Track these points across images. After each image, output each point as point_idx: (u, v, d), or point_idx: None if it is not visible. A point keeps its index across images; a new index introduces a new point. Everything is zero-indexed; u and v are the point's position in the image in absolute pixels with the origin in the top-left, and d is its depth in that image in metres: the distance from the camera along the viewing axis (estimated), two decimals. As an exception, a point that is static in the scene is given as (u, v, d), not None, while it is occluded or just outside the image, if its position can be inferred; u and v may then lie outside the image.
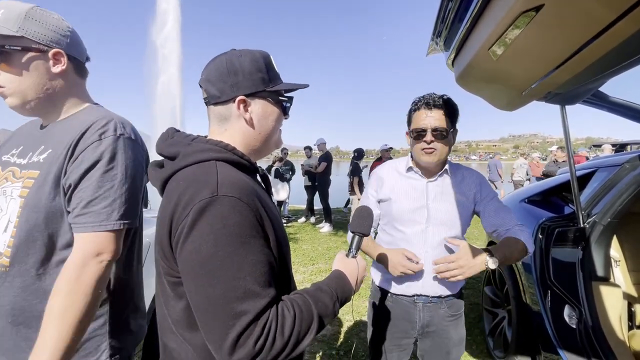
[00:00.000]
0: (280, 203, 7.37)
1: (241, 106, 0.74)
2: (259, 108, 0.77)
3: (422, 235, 1.30)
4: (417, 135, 1.26)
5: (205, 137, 0.78)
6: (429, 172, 1.34)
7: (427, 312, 1.33)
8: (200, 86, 0.79)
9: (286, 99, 0.81)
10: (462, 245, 1.18)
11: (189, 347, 0.69)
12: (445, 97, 1.28)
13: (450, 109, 1.26)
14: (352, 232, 0.94)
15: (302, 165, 7.58)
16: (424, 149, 1.26)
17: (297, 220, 7.71)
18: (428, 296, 1.32)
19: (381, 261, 1.31)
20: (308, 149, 7.82)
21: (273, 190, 6.97)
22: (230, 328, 0.57)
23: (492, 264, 1.12)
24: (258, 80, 0.75)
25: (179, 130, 0.80)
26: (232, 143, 0.75)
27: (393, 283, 1.37)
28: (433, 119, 1.24)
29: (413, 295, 1.33)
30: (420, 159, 1.29)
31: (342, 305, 0.76)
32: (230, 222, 0.60)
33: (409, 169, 1.35)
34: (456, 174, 1.35)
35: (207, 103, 0.78)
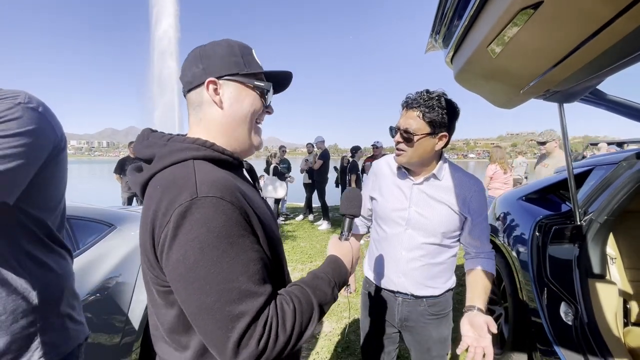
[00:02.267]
0: (278, 201, 7.36)
1: (210, 87, 0.70)
2: (231, 91, 0.72)
3: (400, 237, 1.30)
4: (392, 135, 1.27)
5: (184, 135, 0.74)
6: (414, 173, 1.30)
7: (405, 307, 1.35)
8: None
9: (263, 84, 0.75)
10: (465, 331, 1.13)
11: (185, 352, 0.66)
12: (433, 96, 1.17)
13: (434, 111, 1.15)
14: (343, 215, 0.93)
15: (306, 161, 7.56)
16: (395, 148, 1.26)
17: (295, 218, 7.72)
18: (407, 294, 1.33)
19: None
20: (310, 145, 7.80)
21: (270, 187, 6.97)
22: (231, 331, 0.55)
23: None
24: (231, 63, 0.72)
25: (155, 131, 0.75)
26: (210, 137, 0.71)
27: (377, 277, 1.41)
28: (405, 119, 1.20)
29: (392, 291, 1.36)
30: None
31: (340, 288, 0.76)
32: (214, 225, 0.57)
33: (399, 167, 1.33)
34: (450, 179, 1.27)
35: (184, 93, 0.75)
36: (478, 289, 1.22)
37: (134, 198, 6.38)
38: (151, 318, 0.72)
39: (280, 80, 0.81)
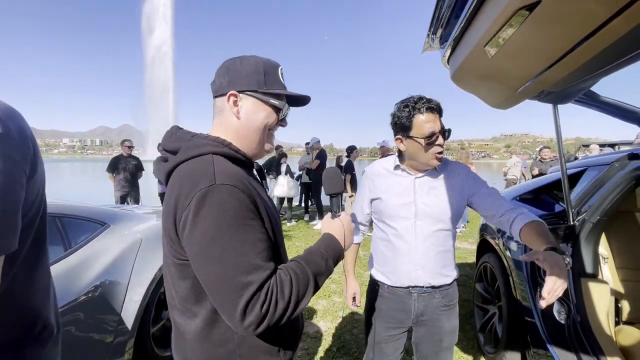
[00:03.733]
0: (290, 200, 7.21)
1: (231, 99, 0.82)
2: (250, 105, 0.84)
3: (412, 229, 1.34)
4: (431, 140, 1.23)
5: (206, 134, 0.86)
6: (416, 169, 1.36)
7: (421, 301, 1.38)
8: None
9: (277, 102, 0.85)
10: (548, 265, 0.95)
11: (196, 319, 0.77)
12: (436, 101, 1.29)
13: (441, 111, 1.29)
14: (329, 195, 0.99)
15: (305, 164, 7.51)
16: (438, 152, 1.25)
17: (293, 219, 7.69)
18: (422, 287, 1.37)
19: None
20: (308, 145, 7.77)
21: (275, 188, 6.90)
22: (240, 297, 0.65)
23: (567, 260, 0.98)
24: (252, 81, 0.83)
25: (181, 128, 0.88)
26: (228, 138, 0.83)
27: (390, 276, 1.42)
28: (438, 123, 1.25)
29: (408, 287, 1.38)
30: (430, 162, 1.28)
31: (336, 263, 0.85)
32: (228, 207, 0.67)
33: (397, 167, 1.39)
34: (443, 169, 1.38)
35: (213, 96, 0.87)
36: (542, 234, 1.10)
37: (127, 197, 6.31)
38: (168, 290, 0.84)
39: (297, 101, 0.92)
